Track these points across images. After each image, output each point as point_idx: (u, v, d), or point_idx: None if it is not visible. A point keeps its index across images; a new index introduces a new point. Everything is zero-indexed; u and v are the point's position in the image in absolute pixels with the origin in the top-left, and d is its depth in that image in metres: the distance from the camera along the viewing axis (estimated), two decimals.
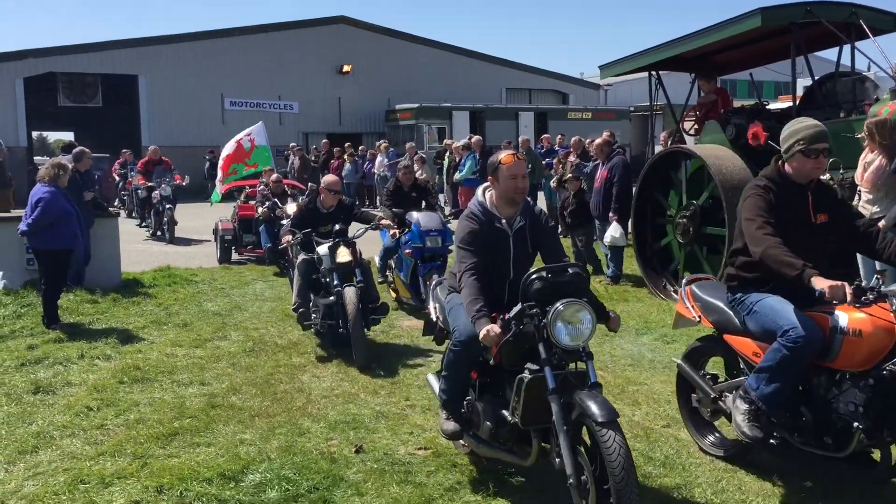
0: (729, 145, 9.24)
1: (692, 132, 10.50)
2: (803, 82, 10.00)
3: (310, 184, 16.10)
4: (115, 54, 30.28)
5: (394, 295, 9.80)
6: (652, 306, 9.33)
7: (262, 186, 13.18)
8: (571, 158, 14.47)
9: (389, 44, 34.90)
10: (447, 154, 19.91)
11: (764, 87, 19.67)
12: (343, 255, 7.56)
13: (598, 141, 11.68)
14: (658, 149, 11.27)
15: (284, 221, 10.83)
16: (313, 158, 25.49)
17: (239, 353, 7.66)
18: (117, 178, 23.45)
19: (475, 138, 18.26)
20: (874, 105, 7.85)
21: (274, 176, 13.17)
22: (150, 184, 16.83)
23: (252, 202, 13.57)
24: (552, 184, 16.13)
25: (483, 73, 36.51)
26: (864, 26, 8.60)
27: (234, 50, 31.91)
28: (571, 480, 3.73)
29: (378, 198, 22.40)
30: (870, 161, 6.86)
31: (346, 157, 23.67)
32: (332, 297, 7.61)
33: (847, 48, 9.09)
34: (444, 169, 19.89)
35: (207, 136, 29.59)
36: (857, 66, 9.30)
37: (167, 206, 16.01)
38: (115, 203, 22.47)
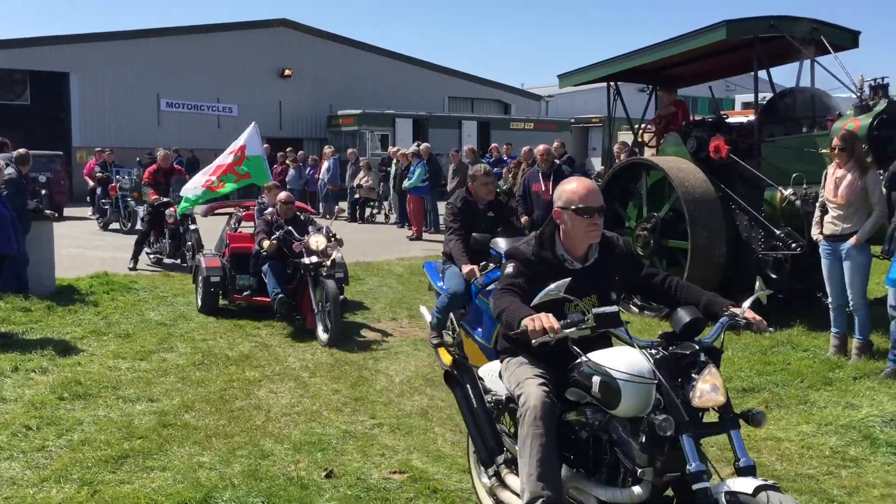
0: (690, 158, 9.19)
1: (651, 144, 10.45)
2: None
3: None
4: (46, 51, 29.07)
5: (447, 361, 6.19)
6: None
7: (268, 209, 9.50)
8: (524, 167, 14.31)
9: (332, 48, 34.41)
10: (393, 161, 19.64)
11: (723, 103, 19.96)
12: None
13: (540, 148, 10.65)
14: (597, 161, 11.15)
15: (307, 260, 8.36)
16: None
17: (188, 367, 7.21)
18: (91, 183, 20.05)
19: (424, 145, 18.02)
20: (838, 120, 7.87)
21: (283, 194, 9.43)
22: (164, 199, 12.86)
23: (245, 230, 10.49)
24: None
25: (426, 81, 36.30)
26: (826, 42, 8.64)
27: (171, 50, 30.97)
28: None
29: (321, 205, 22.01)
30: (841, 176, 6.82)
31: (288, 162, 23.16)
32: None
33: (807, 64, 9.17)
34: (391, 176, 19.61)
35: (142, 137, 28.66)
36: (815, 82, 9.38)
37: (192, 226, 12.37)
38: (91, 213, 19.97)
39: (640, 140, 10.94)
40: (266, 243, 8.69)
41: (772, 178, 8.36)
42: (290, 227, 8.79)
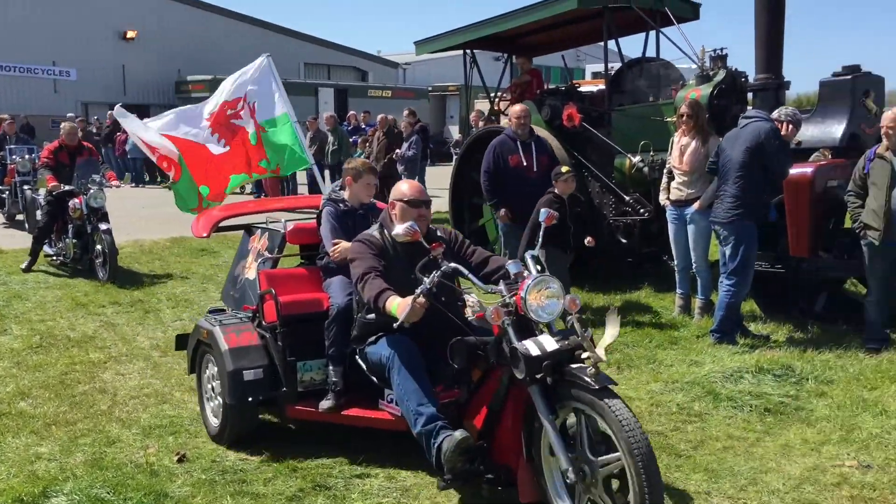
0: (545, 126, 9.32)
1: (507, 112, 10.52)
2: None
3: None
4: None
5: None
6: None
7: (331, 190, 5.22)
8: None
9: (179, 10, 32.90)
10: None
11: (574, 72, 20.49)
12: None
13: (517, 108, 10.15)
14: (455, 129, 11.15)
15: (524, 347, 3.46)
16: (95, 130, 23.59)
17: (24, 350, 6.72)
18: None
19: None
20: (681, 90, 8.17)
21: (406, 185, 4.56)
22: (67, 187, 9.95)
23: (287, 258, 5.84)
24: None
25: (280, 47, 35.21)
26: (670, 14, 8.94)
27: (2, 8, 28.69)
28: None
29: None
30: (686, 144, 7.09)
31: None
32: None
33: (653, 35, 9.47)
34: None
35: None
36: (660, 53, 9.71)
37: (102, 226, 9.45)
38: None
39: (496, 108, 11.02)
40: (400, 306, 3.81)
41: (621, 146, 8.61)
42: (453, 264, 3.95)
